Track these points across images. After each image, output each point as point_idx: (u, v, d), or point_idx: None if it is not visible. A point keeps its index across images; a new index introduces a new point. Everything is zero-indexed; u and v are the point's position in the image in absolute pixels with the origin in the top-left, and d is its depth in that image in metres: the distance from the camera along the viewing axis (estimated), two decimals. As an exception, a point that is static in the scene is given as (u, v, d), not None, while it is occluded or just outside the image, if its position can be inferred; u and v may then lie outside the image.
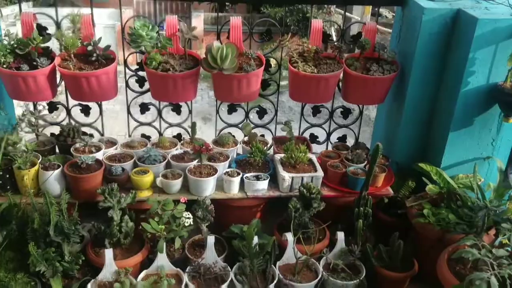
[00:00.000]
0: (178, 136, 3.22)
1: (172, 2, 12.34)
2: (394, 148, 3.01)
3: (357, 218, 2.63)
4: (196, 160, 2.77)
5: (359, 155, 2.91)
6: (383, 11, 13.12)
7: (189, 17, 12.14)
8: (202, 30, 12.84)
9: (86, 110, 3.07)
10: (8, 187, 2.59)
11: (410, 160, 2.96)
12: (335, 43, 2.95)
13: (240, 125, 3.20)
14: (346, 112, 3.24)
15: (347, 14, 11.30)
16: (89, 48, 2.70)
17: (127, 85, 3.06)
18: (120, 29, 3.15)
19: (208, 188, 2.69)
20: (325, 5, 11.23)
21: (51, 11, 2.92)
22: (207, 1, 3.35)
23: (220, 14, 3.14)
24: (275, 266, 2.50)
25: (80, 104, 3.02)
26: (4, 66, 2.61)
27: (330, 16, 11.61)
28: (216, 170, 2.74)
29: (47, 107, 3.03)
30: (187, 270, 2.48)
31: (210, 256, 2.52)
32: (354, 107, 3.31)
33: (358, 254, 2.58)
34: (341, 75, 2.89)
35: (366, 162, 2.90)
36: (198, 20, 12.95)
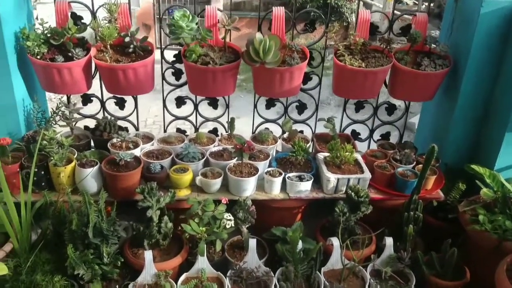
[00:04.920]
0: (214, 131, 3.08)
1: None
2: (443, 148, 2.83)
3: (406, 223, 2.48)
4: (236, 158, 2.64)
5: (408, 155, 2.74)
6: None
7: (209, 2, 11.91)
8: (222, 16, 12.61)
9: (121, 103, 2.94)
10: (43, 184, 2.49)
11: (460, 161, 2.79)
12: (383, 36, 2.78)
13: (278, 121, 3.06)
14: (391, 108, 3.07)
15: (368, 0, 11.02)
16: (127, 39, 2.58)
17: (163, 78, 2.93)
18: (139, 14, 3.02)
19: (249, 188, 2.57)
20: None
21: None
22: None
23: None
24: (319, 272, 2.38)
25: (115, 97, 2.90)
26: (38, 57, 2.50)
27: (351, 3, 11.30)
28: (257, 169, 2.60)
29: (80, 99, 2.92)
30: (228, 274, 2.37)
31: (252, 260, 2.41)
32: (400, 103, 3.14)
33: (408, 261, 2.44)
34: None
35: (415, 162, 2.74)
36: (217, 5, 12.71)
